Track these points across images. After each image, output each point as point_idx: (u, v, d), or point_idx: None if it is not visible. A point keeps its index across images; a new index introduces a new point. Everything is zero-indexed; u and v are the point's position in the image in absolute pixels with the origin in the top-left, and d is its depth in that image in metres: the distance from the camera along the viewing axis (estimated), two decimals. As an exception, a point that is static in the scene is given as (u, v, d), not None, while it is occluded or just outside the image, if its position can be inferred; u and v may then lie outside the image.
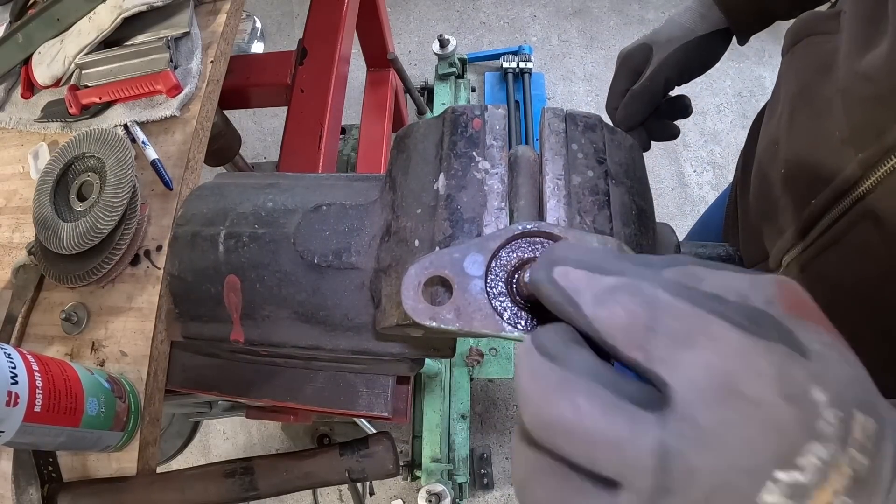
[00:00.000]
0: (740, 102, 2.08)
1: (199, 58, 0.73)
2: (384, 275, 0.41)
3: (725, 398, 0.18)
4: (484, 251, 0.31)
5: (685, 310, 0.19)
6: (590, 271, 0.21)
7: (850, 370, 0.20)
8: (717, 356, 0.19)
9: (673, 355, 0.19)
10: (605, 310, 0.20)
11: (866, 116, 0.38)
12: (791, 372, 0.19)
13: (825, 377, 0.19)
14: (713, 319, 0.19)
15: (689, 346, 0.19)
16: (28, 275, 0.66)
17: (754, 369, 0.18)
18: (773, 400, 0.18)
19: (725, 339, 0.19)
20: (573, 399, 0.19)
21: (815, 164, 0.45)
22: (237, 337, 0.48)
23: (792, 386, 0.18)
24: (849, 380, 0.20)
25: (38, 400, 0.48)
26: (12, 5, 0.83)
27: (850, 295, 0.43)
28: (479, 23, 2.33)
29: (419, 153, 0.41)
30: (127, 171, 0.60)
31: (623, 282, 0.20)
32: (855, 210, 0.41)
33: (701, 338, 0.19)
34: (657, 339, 0.19)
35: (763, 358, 0.18)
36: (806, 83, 0.48)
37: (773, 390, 0.18)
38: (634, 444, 0.18)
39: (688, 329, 0.19)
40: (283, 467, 0.58)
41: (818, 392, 0.18)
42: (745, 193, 0.60)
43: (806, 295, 0.22)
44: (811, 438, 0.18)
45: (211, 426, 1.81)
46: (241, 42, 1.86)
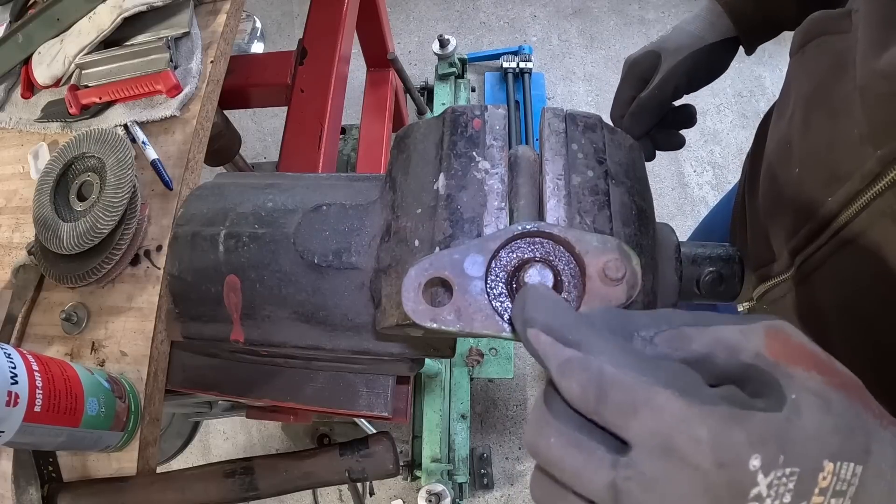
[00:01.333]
0: (740, 102, 2.08)
1: (199, 58, 0.73)
2: (384, 275, 0.41)
3: (666, 456, 0.21)
4: (484, 252, 0.31)
5: (629, 382, 0.22)
6: (554, 339, 0.24)
7: (829, 420, 0.22)
8: (658, 423, 0.21)
9: (622, 422, 0.22)
10: (564, 382, 0.23)
11: (886, 113, 0.38)
12: (728, 438, 0.21)
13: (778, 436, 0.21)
14: (656, 390, 0.21)
15: (634, 415, 0.22)
16: (28, 275, 0.66)
17: (691, 435, 0.21)
18: (706, 465, 0.21)
19: (667, 408, 0.21)
20: (547, 436, 0.23)
21: (833, 162, 0.44)
22: (237, 337, 0.48)
23: (726, 453, 0.21)
24: (819, 432, 0.21)
25: (38, 400, 0.48)
26: (12, 5, 0.83)
27: (868, 291, 0.43)
28: (479, 23, 2.33)
29: (419, 153, 0.41)
30: (127, 171, 0.60)
31: (576, 357, 0.23)
32: (873, 207, 0.41)
33: (643, 408, 0.21)
34: (607, 410, 0.22)
35: (701, 425, 0.21)
36: (820, 82, 0.47)
37: (707, 457, 0.21)
38: (591, 479, 0.22)
39: (632, 401, 0.22)
40: (283, 467, 0.58)
41: (755, 460, 0.21)
42: (754, 195, 0.60)
43: (797, 337, 0.24)
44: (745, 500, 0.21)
45: (211, 426, 1.81)
46: (241, 42, 1.86)
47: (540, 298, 0.26)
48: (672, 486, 0.21)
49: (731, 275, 0.52)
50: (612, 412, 0.22)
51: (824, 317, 0.50)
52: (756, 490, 0.21)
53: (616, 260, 0.30)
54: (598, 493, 0.22)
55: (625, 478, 0.22)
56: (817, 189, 0.46)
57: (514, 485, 1.62)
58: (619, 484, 0.22)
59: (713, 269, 0.52)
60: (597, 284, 0.30)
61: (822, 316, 0.50)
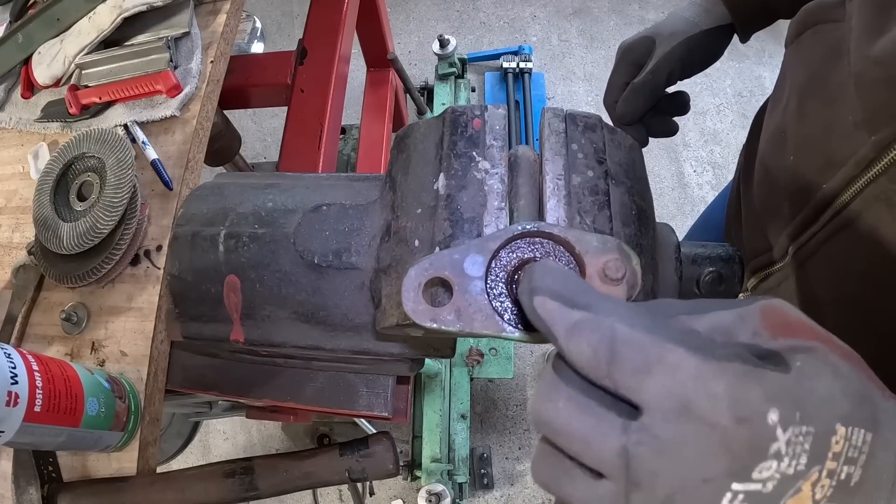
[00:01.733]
0: (740, 102, 2.08)
1: (199, 58, 0.73)
2: (384, 275, 0.41)
3: (682, 416, 0.20)
4: (484, 252, 0.31)
5: (642, 340, 0.21)
6: (561, 304, 0.23)
7: (838, 384, 0.21)
8: (674, 381, 0.20)
9: (635, 383, 0.21)
10: (573, 344, 0.22)
11: (880, 99, 0.39)
12: (746, 394, 0.20)
13: (792, 395, 0.20)
14: (670, 347, 0.21)
15: (648, 374, 0.21)
16: (28, 275, 0.66)
17: (708, 392, 0.20)
18: (725, 422, 0.20)
19: (681, 365, 0.20)
20: (556, 401, 0.22)
21: (828, 149, 0.45)
22: (237, 337, 0.48)
23: (744, 408, 0.20)
24: (830, 395, 0.21)
25: (38, 400, 0.48)
26: (12, 5, 0.83)
27: (863, 276, 0.43)
28: (479, 23, 2.33)
29: (419, 153, 0.41)
30: (127, 171, 0.60)
31: (587, 317, 0.22)
32: (867, 191, 0.41)
33: (657, 366, 0.21)
34: (619, 370, 0.21)
35: (717, 381, 0.20)
36: (815, 71, 0.48)
37: (725, 412, 0.20)
38: (600, 443, 0.21)
39: (645, 359, 0.21)
40: (283, 467, 0.58)
41: (773, 414, 0.20)
42: (749, 188, 0.60)
43: (794, 314, 0.24)
44: (765, 457, 0.20)
45: (211, 426, 1.81)
46: (241, 42, 1.86)
47: (546, 269, 0.25)
48: (688, 448, 0.20)
49: (731, 275, 0.52)
50: (624, 372, 0.21)
51: (820, 304, 0.50)
52: (776, 446, 0.20)
53: (616, 260, 0.30)
54: (608, 462, 0.21)
55: (636, 442, 0.21)
56: (812, 175, 0.47)
57: (514, 485, 1.62)
58: (631, 449, 0.21)
59: (713, 269, 0.52)
60: (597, 284, 0.30)
61: (817, 303, 0.50)
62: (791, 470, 0.20)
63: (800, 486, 0.20)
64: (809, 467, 0.20)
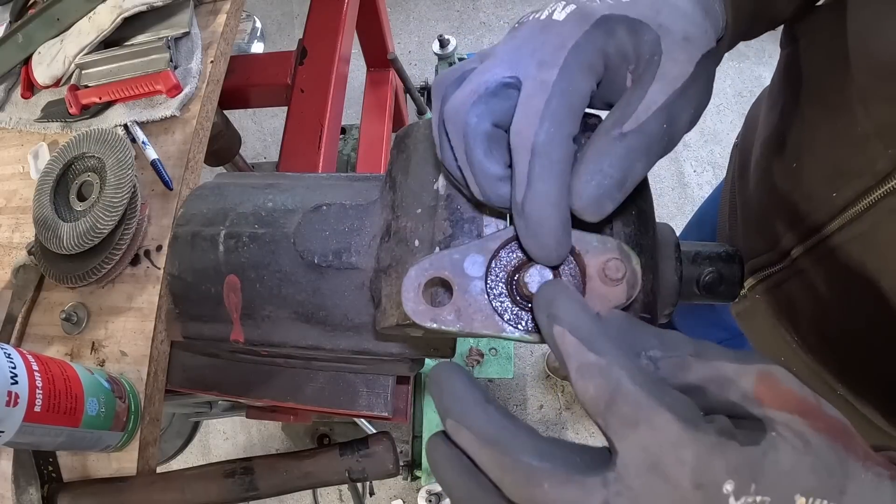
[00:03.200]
0: (740, 102, 2.08)
1: (199, 58, 0.73)
2: (384, 275, 0.41)
3: (651, 473, 0.23)
4: (484, 252, 0.31)
5: (639, 399, 0.24)
6: (580, 342, 0.25)
7: (807, 460, 0.23)
8: (652, 441, 0.23)
9: (622, 431, 0.24)
10: (582, 382, 0.25)
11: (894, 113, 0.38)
12: (709, 464, 0.23)
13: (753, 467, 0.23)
14: (660, 411, 0.23)
15: (634, 427, 0.24)
16: (28, 275, 0.66)
17: (678, 457, 0.23)
18: (685, 485, 0.23)
19: (664, 428, 0.23)
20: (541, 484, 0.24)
21: (835, 158, 0.44)
22: (237, 337, 0.48)
23: (705, 476, 0.23)
24: (794, 469, 0.23)
25: (38, 400, 0.48)
26: (12, 5, 0.83)
27: (872, 286, 0.43)
28: (479, 23, 2.33)
29: (419, 153, 0.41)
30: (127, 171, 0.60)
31: (600, 363, 0.25)
32: (882, 204, 0.41)
33: (643, 424, 0.23)
34: (612, 416, 0.24)
35: (689, 448, 0.23)
36: (814, 76, 0.47)
37: (687, 477, 0.23)
38: None
39: (636, 415, 0.24)
40: (283, 467, 0.58)
41: (728, 485, 0.23)
42: (746, 185, 0.60)
43: (789, 383, 0.25)
44: None
45: (211, 426, 1.81)
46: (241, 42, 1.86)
47: (569, 299, 0.27)
48: (653, 500, 0.23)
49: (731, 275, 0.52)
50: (615, 419, 0.24)
51: (820, 308, 0.50)
52: None
53: (616, 260, 0.30)
54: None
55: (616, 493, 0.23)
56: (818, 184, 0.46)
57: (514, 485, 1.62)
58: (611, 501, 0.23)
59: (713, 270, 0.52)
60: (597, 284, 0.30)
61: (816, 308, 0.50)
62: None
63: None
64: None
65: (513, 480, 0.25)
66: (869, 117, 0.40)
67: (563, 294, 0.27)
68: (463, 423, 0.26)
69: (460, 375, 0.27)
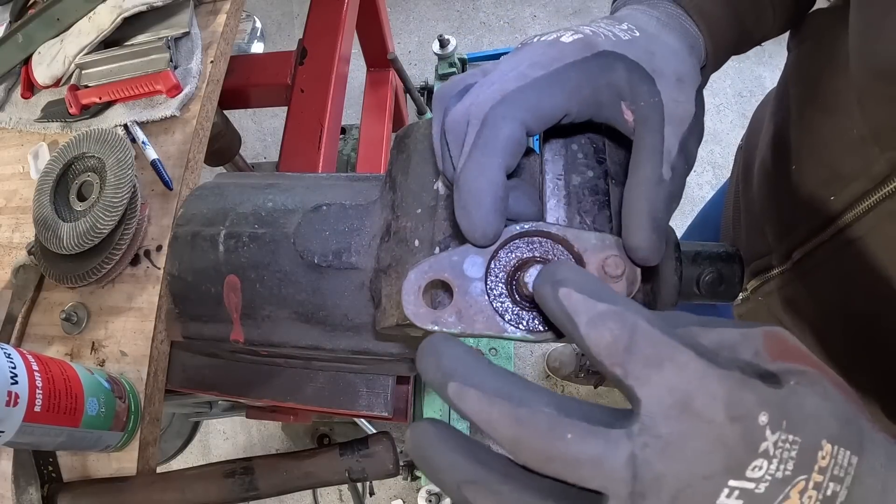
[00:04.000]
0: (740, 102, 2.08)
1: (199, 58, 0.73)
2: (384, 275, 0.41)
3: (682, 414, 0.22)
4: (483, 253, 0.31)
5: (659, 338, 0.23)
6: (588, 296, 0.24)
7: (827, 406, 0.23)
8: (679, 379, 0.22)
9: (644, 374, 0.23)
10: (596, 331, 0.23)
11: (890, 117, 0.38)
12: (741, 396, 0.22)
13: (782, 406, 0.22)
14: (682, 349, 0.22)
15: (658, 368, 0.22)
16: (28, 275, 0.66)
17: (708, 392, 0.22)
18: (720, 419, 0.22)
19: (689, 365, 0.22)
20: (563, 436, 0.22)
21: (832, 161, 0.45)
22: (237, 337, 0.48)
23: (739, 409, 0.22)
24: (817, 413, 0.23)
25: (38, 400, 0.48)
26: (12, 5, 0.83)
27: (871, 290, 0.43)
28: (479, 23, 2.33)
29: (419, 153, 0.41)
30: (127, 171, 0.60)
31: (613, 309, 0.24)
32: (881, 208, 0.41)
33: (668, 362, 0.22)
34: (633, 359, 0.23)
35: (717, 383, 0.22)
36: (814, 79, 0.47)
37: (721, 411, 0.22)
38: (611, 459, 0.22)
39: (658, 354, 0.22)
40: (283, 467, 0.58)
41: (763, 416, 0.22)
42: (749, 189, 0.60)
43: (794, 341, 0.25)
44: (756, 455, 0.22)
45: (211, 426, 1.81)
46: (241, 42, 1.86)
47: (573, 268, 0.26)
48: (689, 445, 0.22)
49: (731, 275, 0.52)
50: (637, 362, 0.23)
51: (822, 312, 0.50)
52: (765, 445, 0.22)
53: (615, 257, 0.30)
54: (616, 475, 0.22)
55: (643, 444, 0.22)
56: (817, 187, 0.46)
57: (514, 485, 1.62)
58: (638, 454, 0.22)
59: (713, 269, 0.52)
60: (596, 283, 0.30)
61: (819, 310, 0.50)
62: (780, 474, 0.22)
63: (788, 493, 0.22)
64: (796, 474, 0.22)
65: (531, 434, 0.23)
66: (865, 120, 0.40)
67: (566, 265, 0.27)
68: (470, 384, 0.23)
69: (459, 342, 0.25)
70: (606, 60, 0.32)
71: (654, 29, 0.35)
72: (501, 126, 0.30)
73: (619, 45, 0.33)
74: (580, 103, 0.32)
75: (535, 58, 0.32)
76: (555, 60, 0.31)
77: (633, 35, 0.34)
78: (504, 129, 0.30)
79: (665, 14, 0.38)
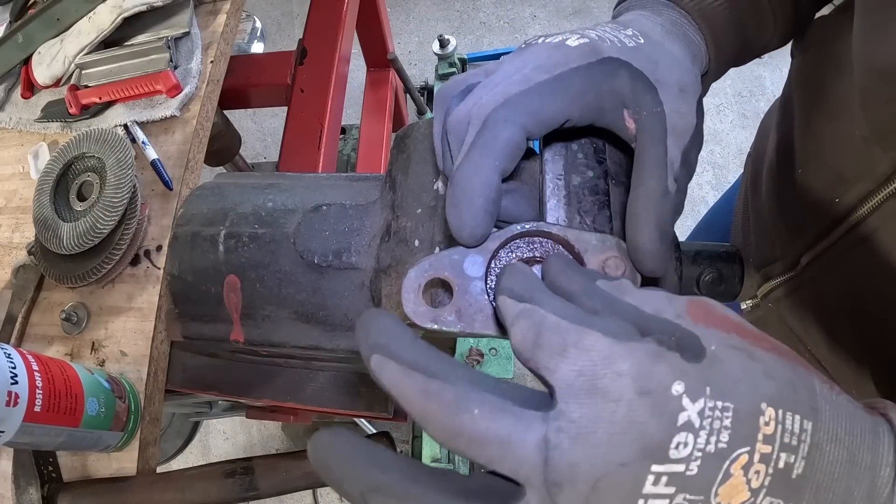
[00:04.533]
0: (740, 102, 2.08)
1: (199, 58, 0.73)
2: (384, 275, 0.41)
3: (590, 395, 0.21)
4: (483, 252, 0.31)
5: (564, 326, 0.23)
6: (511, 298, 0.25)
7: (758, 367, 0.22)
8: (586, 362, 0.21)
9: (552, 364, 0.22)
10: (512, 331, 0.24)
11: (892, 117, 0.38)
12: (651, 369, 0.21)
13: (702, 373, 0.21)
14: (587, 332, 0.22)
15: (563, 356, 0.22)
16: (28, 275, 0.66)
17: (614, 369, 0.21)
18: (629, 396, 0.20)
19: (595, 347, 0.22)
20: (469, 409, 0.21)
21: (837, 164, 0.45)
22: (237, 337, 0.48)
23: (648, 382, 0.20)
24: (748, 375, 0.21)
25: (38, 400, 0.48)
26: (12, 5, 0.83)
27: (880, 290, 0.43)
28: (479, 23, 2.33)
29: (419, 153, 0.41)
30: (127, 171, 0.60)
31: (524, 308, 0.24)
32: (885, 207, 0.41)
33: (573, 349, 0.22)
34: (541, 352, 0.23)
35: (625, 360, 0.21)
36: (819, 83, 0.47)
37: (629, 387, 0.20)
38: (520, 441, 0.21)
39: (563, 342, 0.22)
40: (283, 467, 0.58)
41: (678, 385, 0.20)
42: (757, 195, 0.60)
43: (720, 309, 0.25)
44: (675, 428, 0.20)
45: (211, 426, 1.81)
46: (241, 42, 1.86)
47: (512, 271, 0.27)
48: (601, 429, 0.20)
49: (731, 274, 0.52)
50: (544, 354, 0.22)
51: (832, 315, 0.50)
52: (685, 416, 0.20)
53: (615, 258, 0.30)
54: (528, 460, 0.21)
55: (556, 429, 0.21)
56: (823, 190, 0.46)
57: (514, 485, 1.62)
58: (551, 438, 0.21)
59: (713, 269, 0.52)
60: (597, 283, 0.30)
61: (829, 314, 0.50)
62: (712, 447, 0.20)
63: (729, 469, 0.20)
64: (734, 446, 0.20)
65: (438, 408, 0.21)
66: (868, 121, 0.40)
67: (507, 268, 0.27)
68: (389, 355, 0.23)
69: (391, 316, 0.24)
70: (611, 67, 0.32)
71: (658, 36, 0.35)
72: (502, 129, 0.30)
73: (623, 51, 0.32)
74: (582, 109, 0.32)
75: (540, 61, 0.31)
76: (559, 65, 0.31)
77: (638, 42, 0.33)
78: (504, 133, 0.30)
79: (669, 21, 0.38)
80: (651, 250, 0.30)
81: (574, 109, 0.31)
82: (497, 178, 0.30)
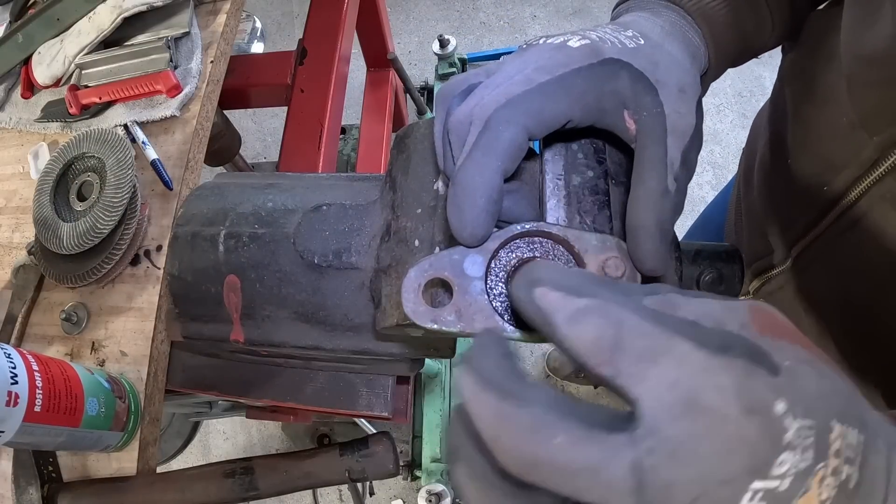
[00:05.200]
0: (740, 102, 2.08)
1: (199, 58, 0.73)
2: (384, 275, 0.41)
3: (689, 412, 0.19)
4: (483, 252, 0.31)
5: (651, 330, 0.20)
6: (566, 293, 0.22)
7: (827, 383, 0.21)
8: (680, 373, 0.20)
9: (639, 371, 0.20)
10: (576, 329, 0.21)
11: (877, 100, 0.38)
12: (751, 386, 0.20)
13: (791, 390, 0.20)
14: (678, 339, 0.20)
15: (654, 364, 0.20)
16: (28, 275, 0.66)
17: (715, 384, 0.19)
18: (735, 413, 0.19)
19: (688, 357, 0.20)
20: (552, 438, 0.20)
21: (826, 151, 0.45)
22: (237, 337, 0.48)
23: (752, 399, 0.19)
24: (822, 392, 0.21)
25: (38, 400, 0.48)
26: (12, 5, 0.83)
27: (868, 276, 0.43)
28: (479, 23, 2.33)
29: (419, 153, 0.41)
30: (127, 171, 0.60)
31: (594, 303, 0.21)
32: (872, 192, 0.41)
33: (664, 356, 0.20)
34: (624, 356, 0.20)
35: (723, 374, 0.20)
36: (810, 75, 0.48)
37: (734, 405, 0.19)
38: (611, 468, 0.19)
39: (653, 347, 0.20)
40: (283, 467, 0.58)
41: (780, 404, 0.20)
42: (750, 191, 0.60)
43: (781, 317, 0.24)
44: (781, 449, 0.19)
45: (211, 426, 1.81)
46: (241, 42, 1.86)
47: (551, 266, 0.25)
48: (703, 446, 0.19)
49: (731, 274, 0.52)
50: (628, 360, 0.20)
51: (823, 307, 0.50)
52: (787, 437, 0.19)
53: (615, 258, 0.30)
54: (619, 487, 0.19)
55: (648, 451, 0.19)
56: (812, 178, 0.47)
57: (515, 485, 1.62)
58: (644, 461, 0.19)
59: (713, 269, 0.52)
60: (597, 284, 0.30)
61: (820, 306, 0.50)
62: (803, 464, 0.20)
63: (809, 484, 0.20)
64: (816, 463, 0.20)
65: (513, 433, 0.20)
66: (854, 106, 0.40)
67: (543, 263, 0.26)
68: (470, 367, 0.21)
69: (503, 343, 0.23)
70: (612, 68, 0.32)
71: (658, 37, 0.35)
72: (504, 130, 0.29)
73: (624, 52, 0.32)
74: (584, 109, 0.32)
75: (542, 62, 0.31)
76: (561, 66, 0.31)
77: (638, 43, 0.34)
78: (506, 133, 0.29)
79: (668, 22, 0.38)
80: (651, 250, 0.30)
81: (576, 110, 0.31)
82: (499, 178, 0.29)
